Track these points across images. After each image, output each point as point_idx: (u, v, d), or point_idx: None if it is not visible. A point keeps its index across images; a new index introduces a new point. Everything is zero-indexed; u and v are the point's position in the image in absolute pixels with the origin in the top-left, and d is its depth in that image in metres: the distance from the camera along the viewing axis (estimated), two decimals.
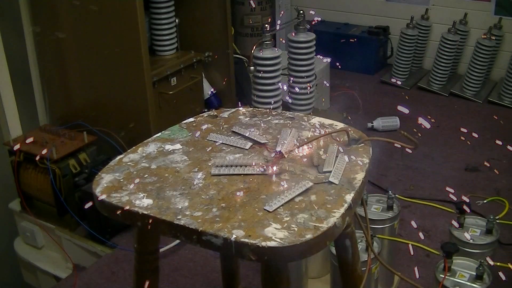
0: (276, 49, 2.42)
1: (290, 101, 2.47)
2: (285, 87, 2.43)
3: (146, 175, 1.07)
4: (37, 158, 2.05)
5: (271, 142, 1.18)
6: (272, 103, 2.35)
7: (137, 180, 1.05)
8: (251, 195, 1.00)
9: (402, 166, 2.47)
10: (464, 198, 1.71)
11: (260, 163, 1.08)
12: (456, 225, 1.65)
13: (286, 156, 1.09)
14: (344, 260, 1.15)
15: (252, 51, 2.38)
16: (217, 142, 1.19)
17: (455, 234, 1.65)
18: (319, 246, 0.90)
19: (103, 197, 1.01)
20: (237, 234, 0.89)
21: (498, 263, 1.66)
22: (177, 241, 1.97)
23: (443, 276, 1.44)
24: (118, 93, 2.25)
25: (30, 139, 2.11)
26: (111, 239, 2.09)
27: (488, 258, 1.48)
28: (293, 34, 2.47)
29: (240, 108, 1.35)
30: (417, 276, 1.81)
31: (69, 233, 2.19)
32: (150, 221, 0.96)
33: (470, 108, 3.00)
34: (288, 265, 0.98)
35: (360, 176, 1.04)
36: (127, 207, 0.98)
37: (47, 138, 2.24)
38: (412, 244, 1.92)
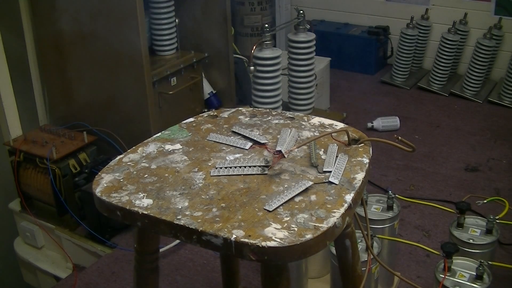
0: (276, 49, 2.43)
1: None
2: None
3: (146, 175, 1.07)
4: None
5: (271, 142, 1.18)
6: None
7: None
8: (251, 195, 1.00)
9: (402, 166, 2.47)
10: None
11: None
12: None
13: (286, 156, 1.09)
14: (344, 260, 1.15)
15: (252, 51, 2.38)
16: (217, 142, 1.19)
17: (455, 234, 1.65)
18: (319, 246, 0.90)
19: (103, 197, 1.01)
20: (237, 234, 0.89)
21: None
22: (177, 241, 1.97)
23: (443, 276, 1.44)
24: (118, 93, 2.25)
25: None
26: (111, 239, 2.09)
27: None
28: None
29: (240, 108, 1.35)
30: (417, 276, 1.82)
31: (69, 233, 2.19)
32: (150, 221, 0.96)
33: (470, 108, 3.00)
34: (288, 265, 0.98)
35: (360, 176, 1.04)
36: (127, 207, 0.98)
37: (47, 138, 2.24)
38: (412, 244, 1.92)
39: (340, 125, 1.24)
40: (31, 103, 2.46)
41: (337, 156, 1.10)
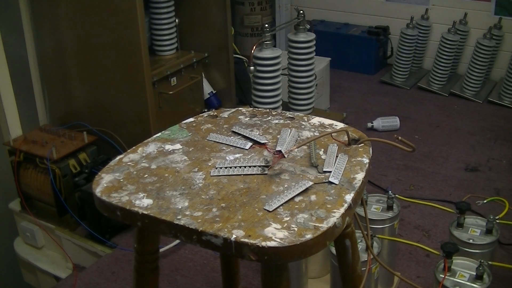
0: (276, 49, 2.43)
1: None
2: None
3: (146, 175, 1.07)
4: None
5: (271, 142, 1.18)
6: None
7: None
8: (251, 195, 1.00)
9: (402, 166, 2.47)
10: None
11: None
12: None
13: (286, 156, 1.09)
14: (344, 260, 1.15)
15: (252, 51, 2.38)
16: (217, 142, 1.19)
17: (455, 234, 1.65)
18: (319, 246, 0.90)
19: (103, 197, 1.01)
20: (237, 234, 0.89)
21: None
22: (177, 241, 1.97)
23: (443, 276, 1.44)
24: (118, 93, 2.25)
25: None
26: (111, 239, 2.09)
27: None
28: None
29: (240, 108, 1.35)
30: (417, 276, 1.82)
31: (69, 233, 2.19)
32: (150, 221, 0.96)
33: (470, 108, 3.00)
34: (288, 265, 0.98)
35: (360, 176, 1.04)
36: (127, 207, 0.98)
37: (47, 138, 2.24)
38: (412, 244, 1.92)
39: (340, 125, 1.24)
40: (31, 103, 2.46)
41: (337, 156, 1.10)
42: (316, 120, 1.27)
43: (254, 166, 1.07)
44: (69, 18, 2.24)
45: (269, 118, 1.29)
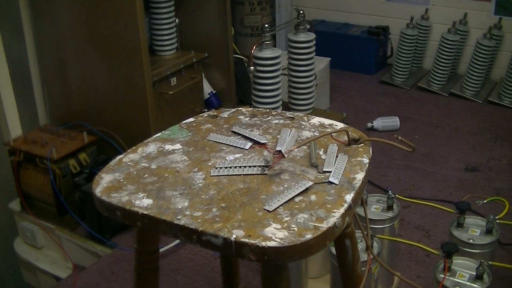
0: (276, 49, 2.43)
1: None
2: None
3: (146, 175, 1.07)
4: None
5: (271, 142, 1.18)
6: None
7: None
8: (251, 195, 1.00)
9: (402, 166, 2.47)
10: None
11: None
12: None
13: (286, 156, 1.09)
14: (344, 260, 1.15)
15: (252, 51, 2.38)
16: (217, 142, 1.19)
17: (455, 234, 1.65)
18: (319, 246, 0.90)
19: (103, 197, 1.01)
20: (237, 234, 0.89)
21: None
22: (177, 241, 1.97)
23: (443, 276, 1.44)
24: (118, 93, 2.25)
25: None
26: (111, 239, 2.09)
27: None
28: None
29: (240, 108, 1.35)
30: (417, 276, 1.82)
31: (69, 233, 2.19)
32: (150, 221, 0.96)
33: (470, 108, 3.00)
34: (288, 265, 0.98)
35: (360, 176, 1.04)
36: (127, 207, 0.98)
37: (47, 138, 2.24)
38: (412, 244, 1.92)
39: (340, 125, 1.24)
40: (31, 103, 2.46)
41: (337, 156, 1.10)
42: (316, 120, 1.27)
43: (254, 166, 1.07)
44: (69, 18, 2.24)
45: (269, 118, 1.29)
